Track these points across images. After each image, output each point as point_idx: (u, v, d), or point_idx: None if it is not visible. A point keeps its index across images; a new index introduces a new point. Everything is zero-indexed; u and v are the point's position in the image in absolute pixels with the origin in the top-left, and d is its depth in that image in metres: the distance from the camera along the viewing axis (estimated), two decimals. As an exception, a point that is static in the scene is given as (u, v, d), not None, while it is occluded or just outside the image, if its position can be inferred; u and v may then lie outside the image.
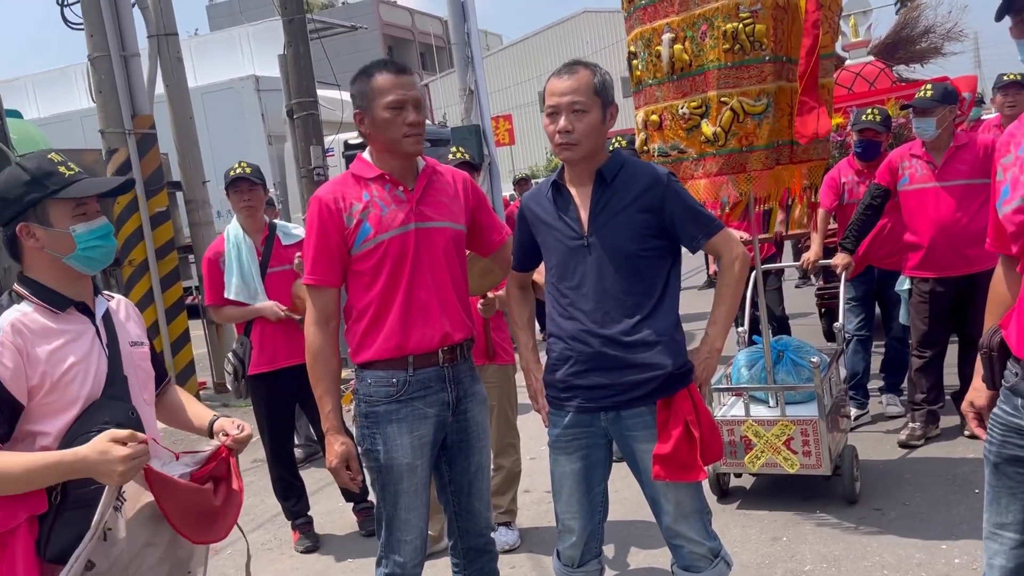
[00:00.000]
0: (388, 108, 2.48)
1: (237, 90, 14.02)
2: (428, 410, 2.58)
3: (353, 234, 2.52)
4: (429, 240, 2.56)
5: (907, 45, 7.20)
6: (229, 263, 4.21)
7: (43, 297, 1.95)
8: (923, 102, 4.35)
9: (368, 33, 29.02)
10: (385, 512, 2.60)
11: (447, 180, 2.69)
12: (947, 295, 4.51)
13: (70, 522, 1.86)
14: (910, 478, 4.21)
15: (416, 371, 2.55)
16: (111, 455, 1.74)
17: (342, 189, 2.56)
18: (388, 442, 2.55)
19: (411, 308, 2.54)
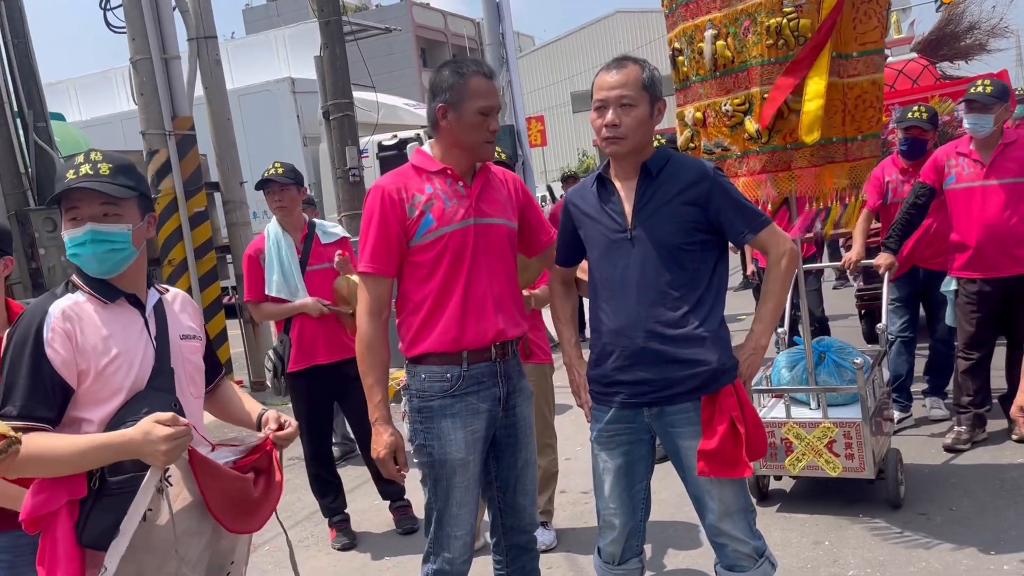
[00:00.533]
0: (478, 112, 2.51)
1: (273, 92, 14.19)
2: (481, 405, 2.58)
3: (415, 225, 2.52)
4: (487, 236, 2.57)
5: (951, 42, 7.06)
6: (269, 260, 4.23)
7: (94, 287, 2.00)
8: (984, 97, 4.23)
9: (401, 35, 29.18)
10: (436, 508, 2.59)
11: (499, 179, 2.72)
12: (995, 296, 4.40)
13: (107, 508, 1.89)
14: (956, 483, 4.12)
15: (470, 366, 2.55)
16: (154, 435, 1.79)
17: (404, 180, 2.57)
18: (443, 437, 2.55)
19: (468, 303, 2.54)
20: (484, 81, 2.54)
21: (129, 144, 10.74)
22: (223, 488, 1.95)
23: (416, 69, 33.75)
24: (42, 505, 1.88)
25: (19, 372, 1.87)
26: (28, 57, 7.95)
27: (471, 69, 2.55)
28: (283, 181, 4.23)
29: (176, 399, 2.03)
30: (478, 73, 2.54)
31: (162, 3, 7.62)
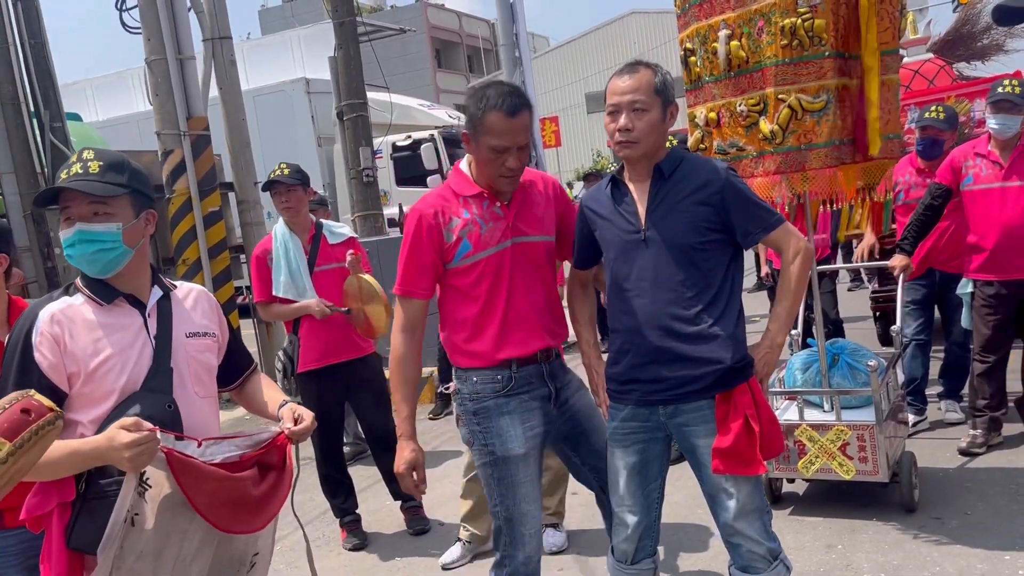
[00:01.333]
0: (492, 150, 2.51)
1: (288, 92, 14.26)
2: (533, 403, 2.65)
3: (452, 250, 2.58)
4: (524, 255, 2.63)
5: (968, 42, 7.00)
6: (277, 261, 4.24)
7: (91, 288, 2.00)
8: (1016, 98, 4.18)
9: (416, 36, 29.27)
10: (504, 509, 2.62)
11: (539, 188, 2.73)
12: (1012, 298, 4.36)
13: (95, 512, 1.89)
14: (971, 487, 4.08)
15: (519, 368, 2.63)
16: (117, 441, 1.76)
17: (442, 203, 2.61)
18: (502, 434, 2.61)
19: (509, 320, 2.61)
20: (500, 119, 2.47)
21: (145, 144, 10.80)
22: (210, 488, 1.91)
23: (431, 70, 33.85)
24: (37, 506, 1.90)
25: (9, 376, 1.88)
26: (44, 58, 8.00)
27: (490, 104, 2.49)
28: (289, 182, 4.23)
29: (172, 400, 2.01)
30: (496, 109, 2.48)
31: (177, 4, 7.66)
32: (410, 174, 13.08)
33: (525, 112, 2.55)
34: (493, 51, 39.14)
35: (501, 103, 2.49)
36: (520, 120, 2.52)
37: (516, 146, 2.52)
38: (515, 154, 2.53)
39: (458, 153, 12.95)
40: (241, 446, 2.02)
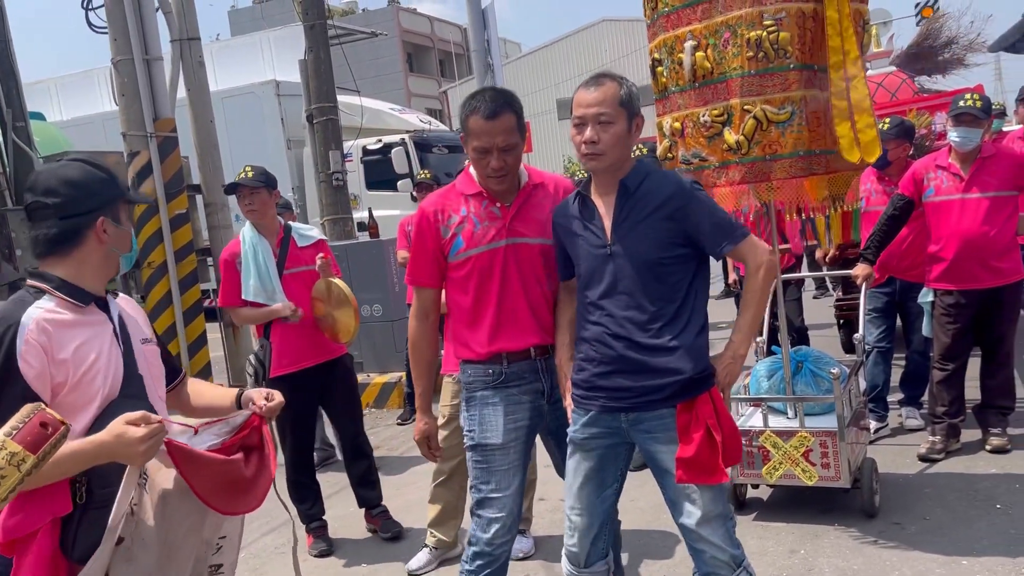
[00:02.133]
0: (475, 151, 2.69)
1: (257, 95, 14.13)
2: (523, 397, 2.81)
3: (448, 245, 2.78)
4: (520, 255, 2.76)
5: (929, 56, 7.14)
6: (246, 265, 4.20)
7: (67, 292, 1.96)
8: (977, 111, 4.29)
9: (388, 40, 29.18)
10: (476, 492, 2.81)
11: (547, 192, 2.84)
12: (971, 308, 4.46)
13: (95, 521, 1.86)
14: (930, 492, 4.15)
15: (511, 364, 2.78)
16: (128, 436, 1.76)
17: (444, 201, 2.82)
18: (483, 423, 2.80)
19: (502, 316, 2.77)
20: (478, 121, 2.64)
21: (111, 145, 10.66)
22: (209, 473, 1.95)
23: (402, 74, 33.76)
24: (20, 526, 1.85)
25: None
26: (8, 56, 7.85)
27: (471, 108, 2.68)
28: (253, 184, 4.20)
29: (151, 405, 2.02)
30: (475, 112, 2.65)
31: (145, 4, 7.57)
32: (380, 178, 13.03)
33: (506, 115, 2.65)
34: (465, 56, 39.16)
35: (480, 107, 2.65)
36: (500, 123, 2.63)
37: (496, 147, 2.63)
38: (497, 155, 2.64)
39: (428, 158, 12.93)
40: (220, 433, 2.05)
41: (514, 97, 2.76)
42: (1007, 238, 4.36)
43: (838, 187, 3.78)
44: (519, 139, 2.71)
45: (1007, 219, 4.34)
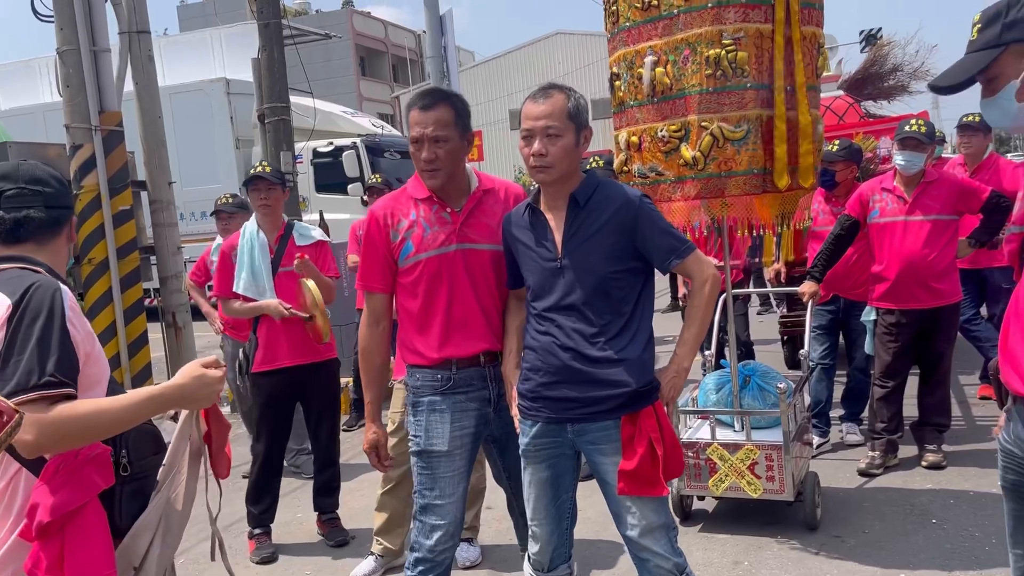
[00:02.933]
0: (411, 144, 2.72)
1: (207, 92, 13.88)
2: (470, 404, 2.80)
3: (398, 249, 2.77)
4: (470, 261, 2.75)
5: (875, 82, 7.36)
6: (240, 258, 4.25)
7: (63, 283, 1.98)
8: (922, 136, 4.43)
9: (341, 42, 28.97)
10: (420, 497, 2.80)
11: (498, 198, 2.84)
12: (912, 327, 4.59)
13: (135, 493, 1.94)
14: (869, 507, 4.25)
15: (459, 370, 2.77)
16: (209, 377, 1.89)
17: (394, 205, 2.81)
18: (429, 430, 2.78)
19: (452, 321, 2.75)
20: (415, 112, 2.69)
21: (51, 137, 10.32)
22: (219, 433, 2.05)
23: (354, 77, 33.52)
24: (68, 501, 1.80)
25: (51, 341, 1.79)
26: (-53, 41, 7.60)
27: (412, 102, 2.75)
28: (272, 179, 4.30)
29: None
30: (414, 104, 2.72)
31: (94, -7, 7.38)
32: (330, 181, 12.91)
33: (442, 107, 2.68)
34: (419, 62, 39.05)
35: (418, 98, 2.73)
36: (432, 113, 2.67)
37: (427, 138, 2.65)
38: (427, 146, 2.66)
39: (380, 162, 12.85)
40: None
41: (456, 96, 2.78)
42: (947, 261, 4.51)
43: (788, 206, 3.86)
44: (454, 134, 2.69)
45: (947, 242, 4.49)
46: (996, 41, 1.80)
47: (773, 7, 3.49)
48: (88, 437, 1.80)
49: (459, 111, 2.73)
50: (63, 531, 1.83)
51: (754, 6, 3.49)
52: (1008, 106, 1.83)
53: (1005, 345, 1.93)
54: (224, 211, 5.36)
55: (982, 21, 1.86)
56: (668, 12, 3.58)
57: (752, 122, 3.54)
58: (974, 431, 5.24)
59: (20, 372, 1.72)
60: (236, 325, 5.51)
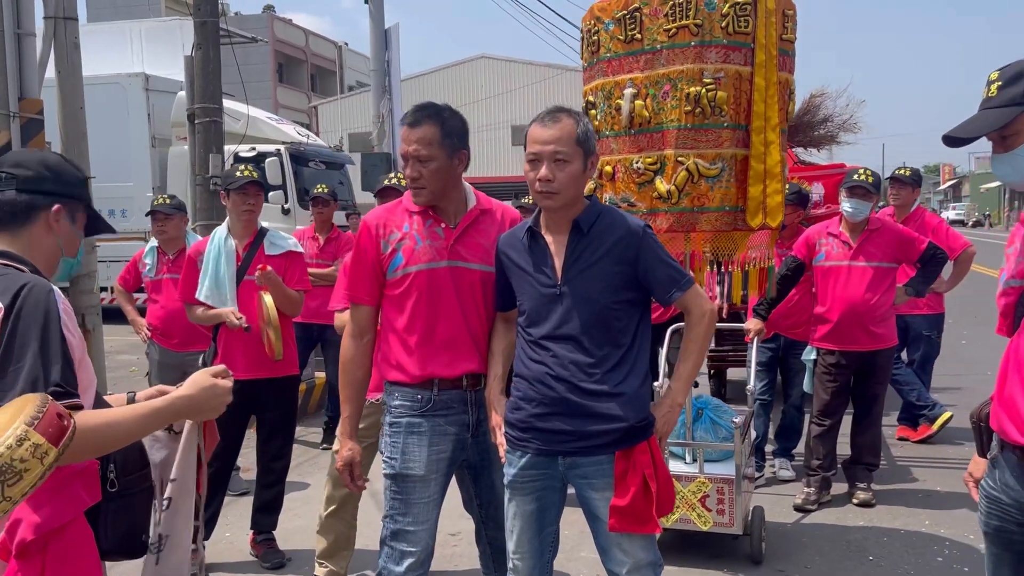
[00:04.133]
0: (401, 157, 2.70)
1: (123, 86, 13.31)
2: (449, 428, 2.73)
3: (388, 260, 2.71)
4: (460, 279, 2.70)
5: (807, 130, 7.67)
6: (206, 264, 4.10)
7: None
8: (869, 186, 4.62)
9: (259, 48, 28.31)
10: (391, 522, 2.71)
11: (494, 219, 2.79)
12: (850, 368, 4.76)
13: (122, 511, 1.82)
14: (808, 542, 4.36)
15: (441, 391, 2.71)
16: (220, 388, 1.85)
17: (387, 216, 2.76)
18: (406, 452, 2.70)
19: (436, 339, 2.69)
20: (403, 129, 2.68)
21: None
22: (211, 446, 2.01)
23: (272, 84, 32.81)
24: (52, 518, 1.67)
25: (52, 348, 1.65)
26: None
27: (405, 115, 2.72)
28: (261, 184, 4.20)
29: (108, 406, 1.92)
30: (403, 120, 2.70)
31: (21, -26, 6.99)
32: (251, 188, 12.53)
33: (427, 125, 2.63)
34: (337, 73, 38.56)
35: (408, 114, 2.69)
36: (417, 131, 2.63)
37: (413, 156, 2.62)
38: (411, 164, 2.64)
39: (303, 171, 12.56)
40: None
41: (448, 112, 2.70)
42: (886, 306, 4.70)
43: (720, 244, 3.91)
44: (439, 153, 2.63)
45: (887, 288, 4.69)
46: (1020, 100, 1.88)
47: (753, 50, 3.59)
48: (98, 451, 1.68)
49: (447, 129, 2.65)
50: (45, 550, 1.70)
51: (735, 48, 3.58)
52: (1021, 163, 1.92)
53: (1002, 394, 2.00)
54: (161, 212, 5.13)
55: (1002, 79, 1.94)
56: (651, 47, 3.63)
57: (727, 160, 3.62)
58: (896, 471, 5.46)
59: (23, 380, 1.59)
60: (165, 332, 5.26)
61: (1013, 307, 2.04)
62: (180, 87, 12.55)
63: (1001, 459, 2.01)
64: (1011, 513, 1.99)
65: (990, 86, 1.97)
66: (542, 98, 31.42)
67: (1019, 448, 1.93)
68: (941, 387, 6.77)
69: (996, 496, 2.02)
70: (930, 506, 4.81)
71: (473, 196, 2.78)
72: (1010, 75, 1.93)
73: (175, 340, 5.19)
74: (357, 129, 31.55)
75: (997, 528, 2.05)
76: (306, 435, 6.62)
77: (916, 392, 5.95)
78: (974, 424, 2.14)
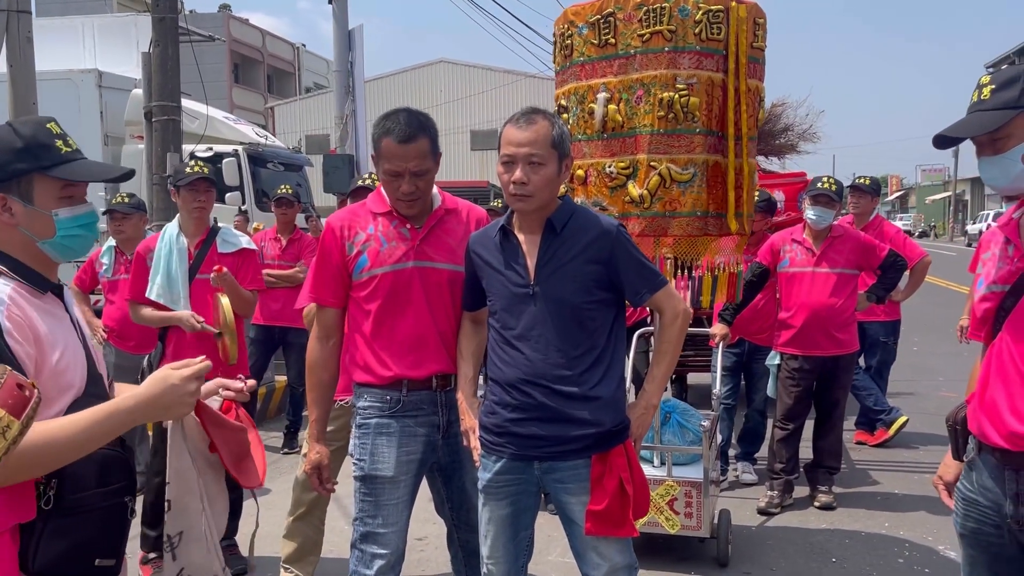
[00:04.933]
0: (386, 174, 2.61)
1: (75, 82, 12.99)
2: (419, 429, 2.70)
3: (352, 262, 2.68)
4: (427, 279, 2.67)
5: (767, 139, 7.78)
6: (156, 262, 3.96)
7: (24, 275, 1.69)
8: (833, 194, 4.71)
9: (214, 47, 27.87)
10: (361, 524, 2.68)
11: (460, 219, 2.76)
12: (813, 373, 4.83)
13: (65, 531, 1.62)
14: (772, 544, 4.41)
15: (410, 392, 2.67)
16: (176, 378, 1.64)
17: (352, 218, 2.72)
18: (375, 453, 2.67)
19: (404, 340, 2.66)
20: (390, 144, 2.56)
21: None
22: (232, 440, 1.85)
23: (227, 84, 32.31)
24: None
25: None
26: None
27: (384, 129, 2.59)
28: (213, 180, 4.06)
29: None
30: (388, 135, 2.57)
31: (-26, -35, 6.78)
32: (207, 189, 12.31)
33: (420, 139, 2.57)
34: (295, 74, 38.14)
35: (394, 129, 2.56)
36: (413, 147, 2.56)
37: (408, 172, 2.58)
38: (408, 179, 2.58)
39: (261, 173, 12.39)
40: None
41: (429, 120, 2.67)
42: (848, 312, 4.79)
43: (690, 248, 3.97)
44: (432, 164, 2.63)
45: (850, 294, 4.77)
46: (1014, 103, 1.92)
47: (725, 57, 3.63)
48: (40, 471, 1.55)
49: (433, 137, 2.64)
50: None
51: (708, 55, 3.61)
52: (1011, 167, 1.95)
53: (983, 397, 2.03)
54: (118, 211, 5.03)
55: (995, 83, 1.97)
56: (625, 51, 3.66)
57: (699, 166, 3.65)
58: (855, 474, 5.56)
59: None
60: (121, 334, 5.13)
61: (993, 312, 2.06)
62: (135, 84, 12.32)
63: (979, 461, 2.04)
64: (988, 515, 2.02)
65: (981, 90, 2.00)
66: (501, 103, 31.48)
67: (998, 451, 1.96)
68: (894, 392, 6.92)
69: (973, 498, 2.06)
70: (889, 508, 4.90)
71: (439, 196, 2.75)
72: (1003, 80, 1.97)
73: (132, 342, 5.07)
74: (315, 131, 31.25)
75: (973, 530, 2.08)
76: (266, 439, 6.49)
77: (873, 397, 6.07)
78: (950, 427, 2.17)
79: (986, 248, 2.14)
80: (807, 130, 7.71)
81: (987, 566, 2.07)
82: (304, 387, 6.94)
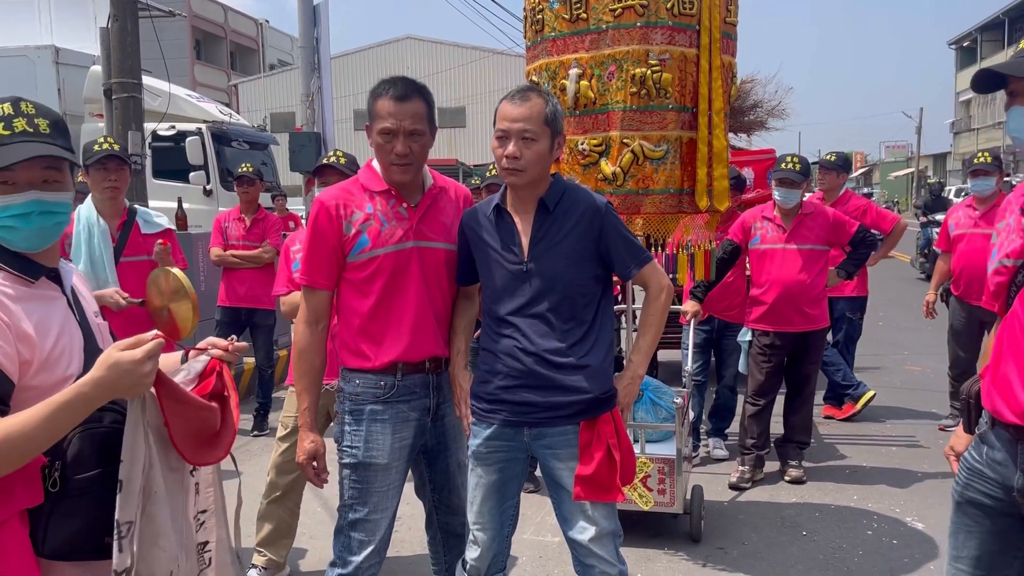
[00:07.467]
0: (380, 134, 2.54)
1: (31, 59, 12.68)
2: (411, 414, 2.66)
3: (351, 243, 2.58)
4: (425, 259, 2.63)
5: (737, 116, 7.79)
6: (77, 247, 3.81)
7: (13, 265, 1.65)
8: (795, 176, 4.72)
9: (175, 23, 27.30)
10: (350, 511, 2.63)
11: (450, 198, 2.74)
12: (784, 349, 4.86)
13: (72, 512, 1.62)
14: (744, 519, 4.45)
15: (404, 376, 2.62)
16: (125, 360, 1.52)
17: (346, 196, 2.62)
18: (370, 440, 2.61)
19: (403, 323, 2.60)
20: (387, 102, 2.52)
21: None
22: (190, 417, 1.74)
23: (189, 61, 31.73)
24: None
25: None
26: None
27: (381, 90, 2.56)
28: (123, 158, 3.89)
29: None
30: (384, 94, 2.54)
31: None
32: (169, 167, 12.07)
33: (417, 100, 2.56)
34: (258, 51, 37.55)
35: (391, 89, 2.55)
36: (410, 106, 2.54)
37: (404, 131, 2.52)
38: (402, 139, 2.52)
39: (225, 151, 12.20)
40: (182, 381, 1.81)
41: (427, 89, 2.65)
42: (819, 288, 4.82)
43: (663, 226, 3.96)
44: (427, 129, 2.59)
45: (820, 271, 4.81)
46: None
47: (698, 32, 3.60)
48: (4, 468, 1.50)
49: (430, 104, 2.62)
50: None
51: (680, 30, 3.58)
52: None
53: (996, 373, 2.03)
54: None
55: None
56: (596, 27, 3.61)
57: (672, 143, 3.63)
58: (824, 448, 5.62)
59: None
60: None
61: (1006, 286, 2.06)
62: (93, 61, 12.04)
63: (992, 436, 2.04)
64: (991, 488, 2.03)
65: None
66: (469, 80, 31.24)
67: (1012, 427, 1.97)
68: (861, 367, 7.01)
69: (980, 469, 2.06)
70: (857, 481, 4.97)
71: (430, 175, 2.72)
72: None
73: None
74: (280, 109, 30.82)
75: (971, 500, 2.08)
76: (235, 422, 6.43)
77: (841, 372, 6.15)
78: (963, 400, 2.17)
79: (1001, 217, 2.14)
80: (776, 107, 7.73)
81: (979, 536, 2.08)
82: (272, 368, 6.85)
